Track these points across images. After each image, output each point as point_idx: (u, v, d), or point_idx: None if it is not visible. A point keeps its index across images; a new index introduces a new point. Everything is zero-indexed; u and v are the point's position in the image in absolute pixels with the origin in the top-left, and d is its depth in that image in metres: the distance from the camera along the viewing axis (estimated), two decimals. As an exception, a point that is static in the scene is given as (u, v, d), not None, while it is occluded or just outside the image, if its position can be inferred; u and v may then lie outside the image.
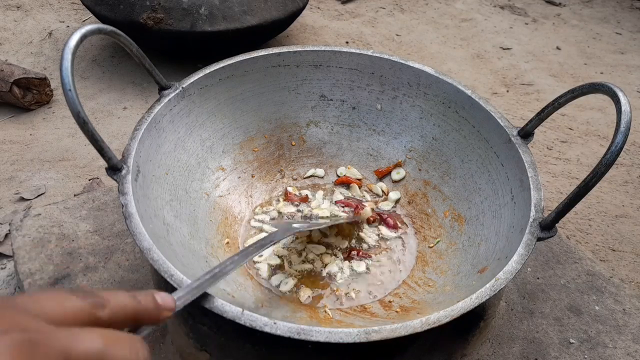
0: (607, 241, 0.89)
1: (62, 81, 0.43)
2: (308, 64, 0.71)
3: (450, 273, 0.58)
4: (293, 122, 0.74)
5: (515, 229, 0.52)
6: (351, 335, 0.38)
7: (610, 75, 1.50)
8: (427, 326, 0.40)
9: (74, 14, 1.53)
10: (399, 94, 0.71)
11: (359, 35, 1.58)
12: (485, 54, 1.56)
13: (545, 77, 1.46)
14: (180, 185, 0.61)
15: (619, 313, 0.65)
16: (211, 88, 0.65)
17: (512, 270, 0.44)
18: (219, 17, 1.16)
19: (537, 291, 0.67)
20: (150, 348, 0.58)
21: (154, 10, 1.14)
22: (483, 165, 0.63)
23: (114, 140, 1.08)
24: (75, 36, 0.44)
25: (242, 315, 0.39)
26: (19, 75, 1.08)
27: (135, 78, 1.27)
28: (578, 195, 0.45)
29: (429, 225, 0.67)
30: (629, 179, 1.07)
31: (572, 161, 1.12)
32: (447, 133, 0.68)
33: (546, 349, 0.60)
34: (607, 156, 0.43)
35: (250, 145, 0.71)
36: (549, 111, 0.56)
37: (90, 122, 0.45)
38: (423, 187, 0.70)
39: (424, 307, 0.54)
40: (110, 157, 0.48)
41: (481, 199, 0.62)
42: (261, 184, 0.71)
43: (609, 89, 0.47)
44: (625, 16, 1.90)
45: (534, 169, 0.54)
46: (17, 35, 1.39)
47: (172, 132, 0.61)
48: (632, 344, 0.61)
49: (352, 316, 0.55)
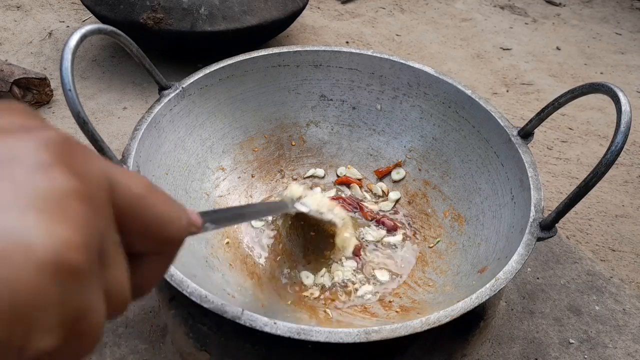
0: (607, 241, 0.89)
1: (62, 81, 0.43)
2: (308, 64, 0.71)
3: (450, 273, 0.58)
4: (293, 122, 0.74)
5: (515, 229, 0.52)
6: (351, 335, 0.38)
7: (610, 75, 1.50)
8: (427, 326, 0.40)
9: (74, 14, 1.53)
10: (399, 94, 0.71)
11: (359, 35, 1.58)
12: (485, 54, 1.56)
13: (545, 77, 1.46)
14: (180, 185, 0.61)
15: (619, 313, 0.65)
16: (211, 88, 0.65)
17: (512, 270, 0.44)
18: (219, 17, 1.16)
19: (537, 291, 0.67)
20: (151, 348, 0.58)
21: (154, 10, 1.14)
22: (483, 165, 0.63)
23: (114, 140, 1.08)
24: (75, 36, 0.44)
25: (242, 315, 0.39)
26: (19, 75, 1.08)
27: (135, 78, 1.27)
28: (578, 195, 0.45)
29: (429, 225, 0.67)
30: (629, 179, 1.07)
31: (572, 161, 1.12)
32: (447, 133, 0.68)
33: (546, 349, 0.60)
34: (607, 156, 0.43)
35: (250, 145, 0.71)
36: (549, 111, 0.56)
37: (90, 122, 0.45)
38: (423, 187, 0.70)
39: (424, 307, 0.54)
40: (110, 157, 0.48)
41: (481, 199, 0.62)
42: (261, 184, 0.71)
43: (609, 89, 0.47)
44: (625, 16, 1.90)
45: (534, 169, 0.54)
46: (17, 35, 1.39)
47: (172, 132, 0.61)
48: (632, 344, 0.61)
49: (352, 316, 0.55)
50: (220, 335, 0.49)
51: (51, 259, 0.13)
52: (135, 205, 0.19)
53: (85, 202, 0.15)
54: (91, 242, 0.15)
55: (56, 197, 0.14)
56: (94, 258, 0.15)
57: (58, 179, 0.15)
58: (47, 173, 0.15)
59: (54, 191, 0.14)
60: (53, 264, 0.13)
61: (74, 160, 0.16)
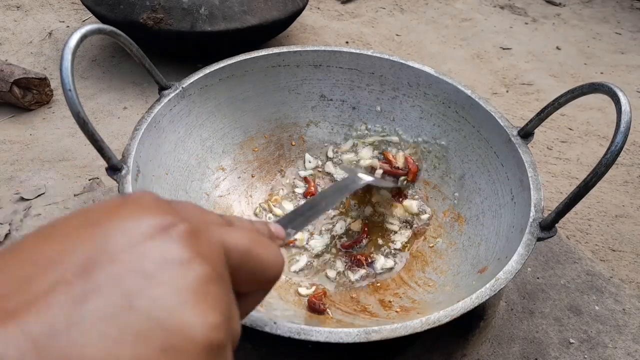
0: (607, 241, 0.89)
1: (62, 81, 0.43)
2: (308, 64, 0.71)
3: (450, 273, 0.58)
4: (293, 122, 0.74)
5: (515, 229, 0.52)
6: (351, 335, 0.38)
7: (610, 75, 1.50)
8: (427, 326, 0.40)
9: (74, 14, 1.53)
10: (399, 94, 0.71)
11: (359, 35, 1.58)
12: (485, 54, 1.56)
13: (545, 77, 1.46)
14: (180, 185, 0.61)
15: (619, 313, 0.65)
16: (211, 88, 0.65)
17: (512, 270, 0.44)
18: (219, 17, 1.16)
19: (537, 291, 0.67)
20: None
21: (154, 10, 1.14)
22: (483, 165, 0.63)
23: (114, 140, 1.08)
24: (75, 36, 0.44)
25: (242, 315, 0.39)
26: (19, 75, 1.08)
27: (135, 78, 1.27)
28: (578, 195, 0.45)
29: (429, 225, 0.67)
30: (629, 179, 1.07)
31: (572, 161, 1.12)
32: (447, 133, 0.68)
33: (546, 349, 0.60)
34: (607, 156, 0.43)
35: (250, 145, 0.71)
36: (549, 111, 0.56)
37: (90, 122, 0.45)
38: (423, 187, 0.70)
39: (424, 307, 0.54)
40: (110, 157, 0.48)
41: (481, 199, 0.62)
42: (261, 184, 0.71)
43: (609, 89, 0.46)
44: (625, 16, 1.90)
45: (534, 169, 0.54)
46: (17, 35, 1.39)
47: (172, 132, 0.61)
48: (632, 344, 0.61)
49: (352, 316, 0.55)
50: (220, 335, 0.49)
51: (207, 343, 0.17)
52: (244, 261, 0.23)
53: (218, 283, 0.19)
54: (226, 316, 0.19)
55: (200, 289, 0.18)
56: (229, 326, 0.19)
57: (198, 271, 0.18)
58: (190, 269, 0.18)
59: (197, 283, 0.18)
60: (208, 346, 0.17)
61: (202, 246, 0.19)
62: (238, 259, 0.22)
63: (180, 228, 0.19)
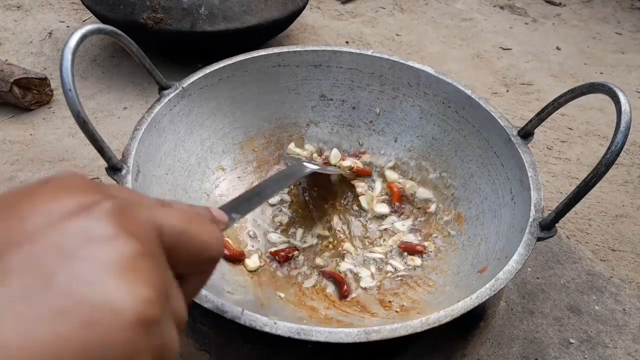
0: (607, 241, 0.89)
1: (62, 81, 0.43)
2: (308, 64, 0.71)
3: (450, 273, 0.58)
4: (293, 122, 0.74)
5: (515, 229, 0.52)
6: (351, 335, 0.38)
7: (610, 75, 1.50)
8: (427, 326, 0.40)
9: (74, 14, 1.53)
10: (399, 94, 0.71)
11: (359, 35, 1.58)
12: (485, 54, 1.56)
13: (545, 77, 1.46)
14: (181, 185, 0.61)
15: (619, 313, 0.65)
16: (211, 88, 0.65)
17: (512, 270, 0.44)
18: (219, 17, 1.16)
19: (537, 291, 0.67)
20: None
21: (154, 10, 1.14)
22: (483, 165, 0.63)
23: (114, 140, 1.08)
24: (75, 36, 0.44)
25: (242, 315, 0.39)
26: (19, 75, 1.08)
27: (135, 78, 1.27)
28: (578, 195, 0.45)
29: (429, 225, 0.67)
30: (629, 179, 1.07)
31: (572, 161, 1.12)
32: (447, 133, 0.68)
33: (546, 349, 0.60)
34: (607, 156, 0.43)
35: (250, 145, 0.71)
36: (549, 111, 0.56)
37: (90, 122, 0.45)
38: (423, 187, 0.70)
39: (424, 307, 0.54)
40: (110, 157, 0.48)
41: (481, 199, 0.62)
42: (261, 184, 0.71)
43: (609, 89, 0.46)
44: (625, 16, 1.90)
45: (534, 169, 0.54)
46: (17, 35, 1.39)
47: (172, 132, 0.61)
48: (632, 344, 0.61)
49: (352, 316, 0.55)
50: (220, 335, 0.49)
51: (135, 317, 0.16)
52: (180, 240, 0.22)
53: (148, 258, 0.18)
54: (160, 291, 0.18)
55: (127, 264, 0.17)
56: (164, 302, 0.18)
57: (124, 247, 0.18)
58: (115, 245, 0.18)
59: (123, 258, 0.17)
60: (137, 321, 0.16)
61: (129, 224, 0.19)
62: (174, 238, 0.22)
63: (105, 205, 0.19)
